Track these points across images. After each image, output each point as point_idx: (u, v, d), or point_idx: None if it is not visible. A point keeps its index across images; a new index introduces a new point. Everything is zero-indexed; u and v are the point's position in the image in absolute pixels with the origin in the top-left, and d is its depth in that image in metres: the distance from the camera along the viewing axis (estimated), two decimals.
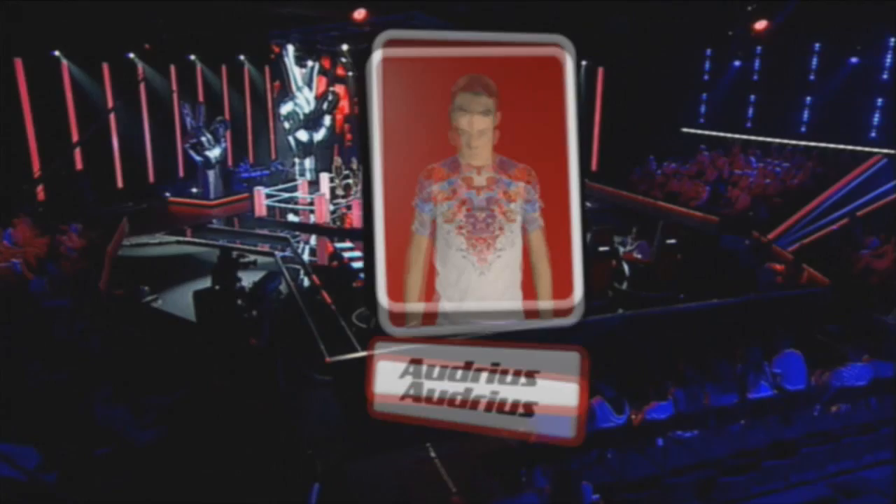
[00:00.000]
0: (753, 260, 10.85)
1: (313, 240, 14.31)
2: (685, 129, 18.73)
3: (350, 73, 21.57)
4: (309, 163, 20.73)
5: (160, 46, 16.78)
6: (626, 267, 10.42)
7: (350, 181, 16.64)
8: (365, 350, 7.05)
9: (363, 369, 6.83)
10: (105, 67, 16.76)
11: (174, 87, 18.30)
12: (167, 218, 16.20)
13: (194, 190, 17.96)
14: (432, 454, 6.36)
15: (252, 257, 12.26)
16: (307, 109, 20.28)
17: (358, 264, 11.56)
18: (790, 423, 5.73)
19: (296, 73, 20.10)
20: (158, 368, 7.38)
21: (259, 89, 20.96)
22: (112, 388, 6.13)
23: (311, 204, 15.00)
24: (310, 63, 19.48)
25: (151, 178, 18.33)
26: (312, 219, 14.60)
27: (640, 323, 7.56)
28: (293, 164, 20.66)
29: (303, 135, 20.46)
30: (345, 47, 19.90)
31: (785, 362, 6.29)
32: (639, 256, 10.23)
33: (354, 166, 17.01)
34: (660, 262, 9.80)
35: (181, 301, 10.12)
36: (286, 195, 16.01)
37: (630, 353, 7.42)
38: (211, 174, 17.65)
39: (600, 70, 19.79)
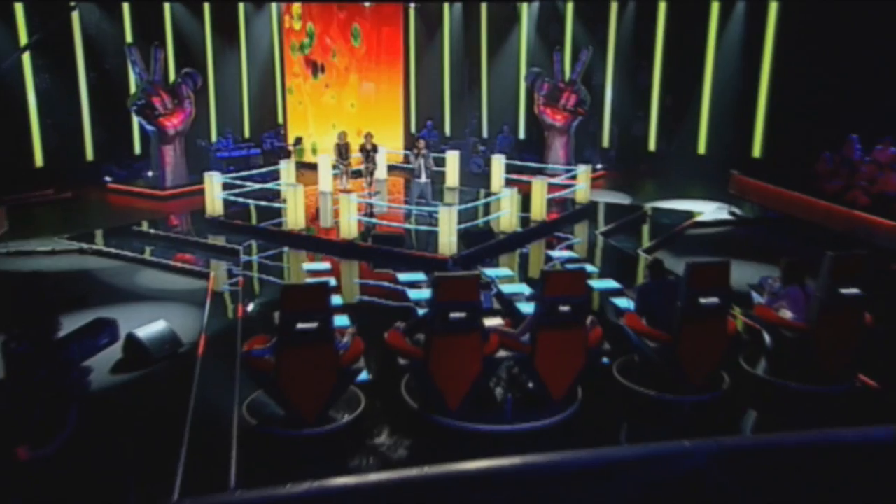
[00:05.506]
0: None
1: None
2: None
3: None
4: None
5: None
6: (765, 335, 8.27)
7: (362, 168, 15.74)
8: (242, 490, 5.87)
9: None
10: None
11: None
12: (101, 212, 15.78)
13: (150, 173, 17.58)
14: None
15: (81, 294, 10.78)
16: None
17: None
18: None
19: None
20: None
21: (259, 34, 20.43)
22: None
23: (283, 199, 13.97)
24: None
25: (90, 154, 18.08)
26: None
27: (747, 465, 5.75)
28: (297, 141, 19.90)
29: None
30: None
31: None
32: (788, 316, 8.02)
33: (368, 146, 15.69)
34: (825, 328, 7.77)
35: None
36: (256, 186, 15.00)
37: None
38: (169, 151, 17.02)
39: (773, 5, 18.32)
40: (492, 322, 7.67)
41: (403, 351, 7.32)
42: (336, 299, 10.33)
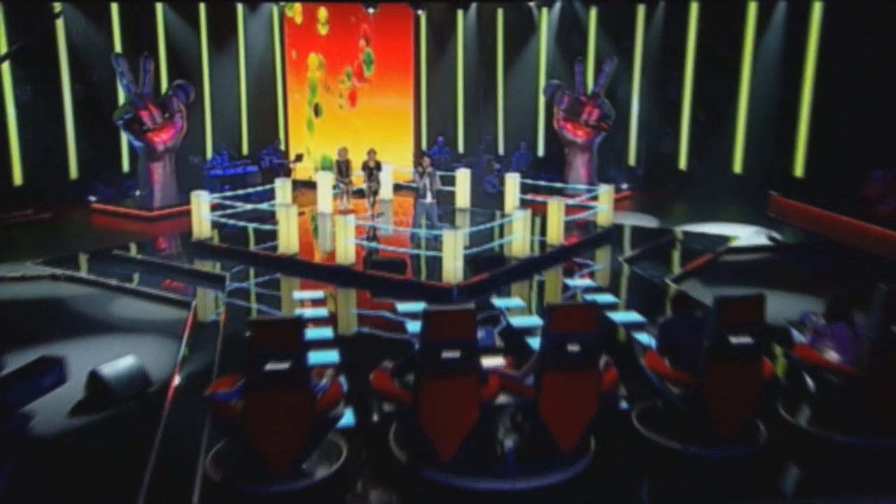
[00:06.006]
0: None
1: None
2: None
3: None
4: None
5: None
6: (807, 379, 7.94)
7: (364, 187, 15.54)
8: None
9: None
10: None
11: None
12: (82, 234, 15.86)
13: (138, 193, 17.66)
14: None
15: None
16: None
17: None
18: None
19: None
20: None
21: (259, 44, 20.49)
22: None
23: (275, 220, 13.81)
24: None
25: (74, 172, 18.12)
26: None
27: None
28: (298, 158, 19.93)
29: None
30: None
31: None
32: (834, 357, 7.67)
33: (371, 163, 15.60)
34: (878, 373, 7.46)
35: None
36: (249, 206, 14.94)
37: None
38: (158, 169, 17.06)
39: (817, 5, 17.94)
40: (492, 362, 7.38)
41: (390, 395, 6.99)
42: (326, 332, 10.16)
